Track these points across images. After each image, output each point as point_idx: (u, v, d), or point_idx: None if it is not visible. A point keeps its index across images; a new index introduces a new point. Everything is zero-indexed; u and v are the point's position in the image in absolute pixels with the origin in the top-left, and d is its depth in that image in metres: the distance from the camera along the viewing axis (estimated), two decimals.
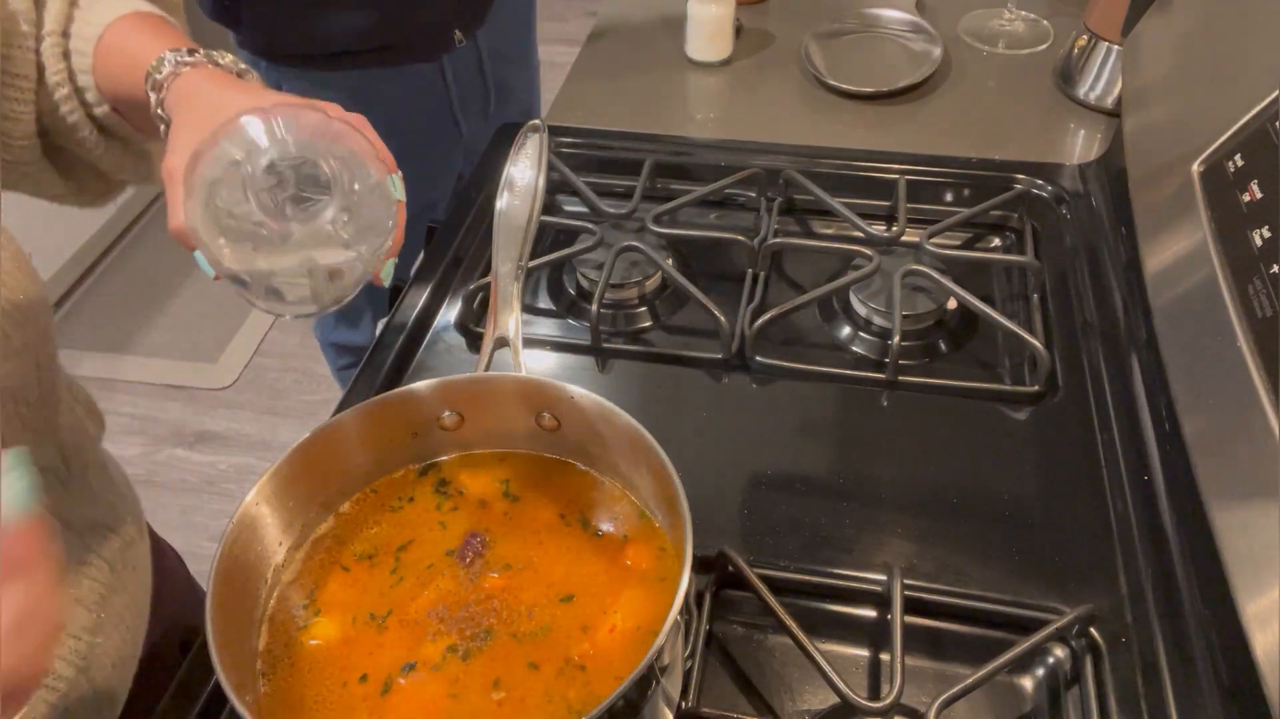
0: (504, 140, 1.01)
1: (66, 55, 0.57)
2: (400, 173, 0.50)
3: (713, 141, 0.99)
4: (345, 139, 0.48)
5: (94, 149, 0.60)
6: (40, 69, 0.57)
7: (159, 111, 0.53)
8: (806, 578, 0.60)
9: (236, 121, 0.46)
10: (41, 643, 0.33)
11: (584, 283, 0.83)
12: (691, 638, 0.56)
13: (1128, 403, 0.69)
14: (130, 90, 0.56)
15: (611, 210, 0.86)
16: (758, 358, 0.76)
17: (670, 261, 0.82)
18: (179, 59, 0.53)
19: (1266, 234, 0.54)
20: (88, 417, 0.62)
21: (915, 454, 0.69)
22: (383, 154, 0.49)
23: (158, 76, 0.53)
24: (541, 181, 0.64)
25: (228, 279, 0.47)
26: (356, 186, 0.47)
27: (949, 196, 0.91)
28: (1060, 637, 0.56)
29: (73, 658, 0.55)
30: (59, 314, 2.33)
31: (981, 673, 0.52)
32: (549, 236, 0.91)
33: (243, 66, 0.56)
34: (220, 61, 0.55)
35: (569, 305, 0.84)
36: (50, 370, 0.54)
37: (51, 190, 0.62)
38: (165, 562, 0.72)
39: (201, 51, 0.54)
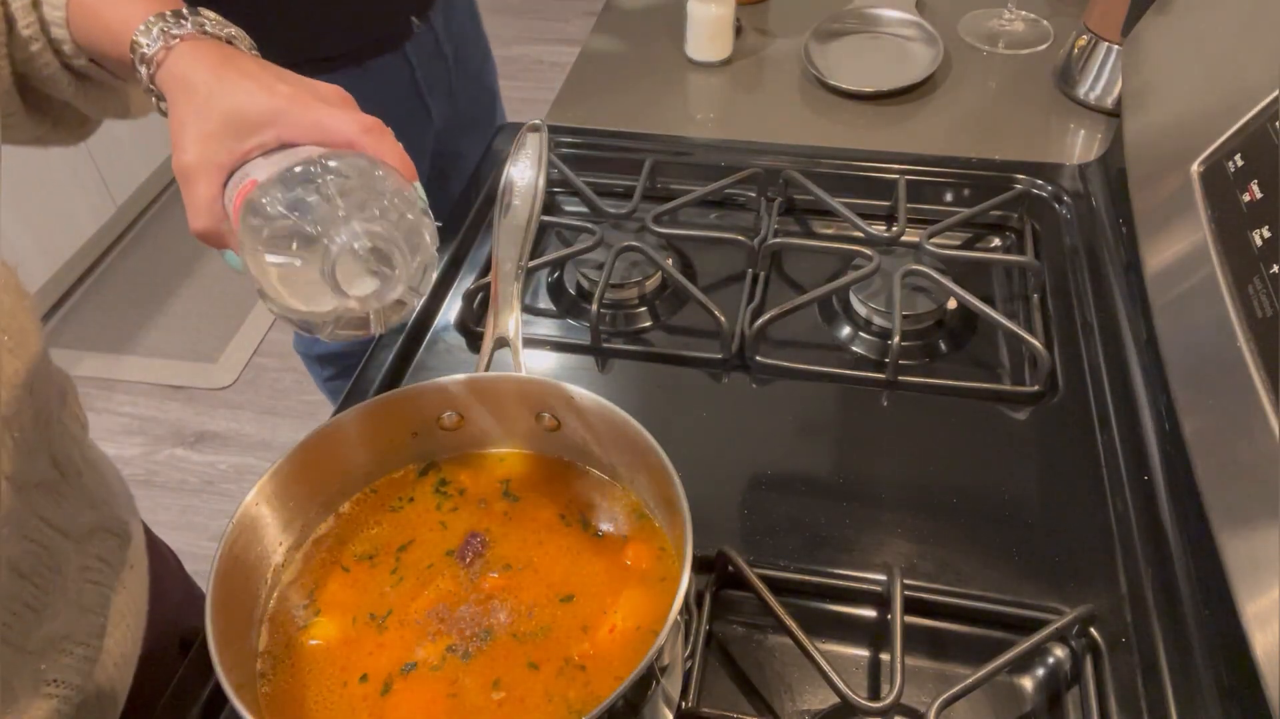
0: (504, 140, 1.02)
1: (37, 5, 0.55)
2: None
3: (713, 141, 0.99)
4: (383, 169, 0.47)
5: (73, 96, 0.59)
6: (10, 21, 0.55)
7: (151, 86, 0.52)
8: (806, 578, 0.60)
9: (286, 173, 0.45)
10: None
11: (584, 283, 0.83)
12: (691, 638, 0.56)
13: (1128, 403, 0.69)
14: (110, 49, 0.53)
15: (611, 210, 0.87)
16: (758, 358, 0.76)
17: (670, 261, 0.82)
18: (166, 30, 0.51)
19: (1266, 234, 0.54)
20: (73, 419, 0.61)
21: (915, 454, 0.69)
22: (404, 164, 0.48)
23: (146, 51, 0.51)
24: (541, 181, 0.64)
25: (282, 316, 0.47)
26: (417, 246, 0.46)
27: (949, 196, 0.91)
28: (1060, 637, 0.56)
29: (80, 664, 0.55)
30: (59, 315, 2.33)
31: (981, 673, 0.52)
32: (549, 237, 0.91)
33: (231, 30, 0.54)
34: (208, 28, 0.52)
35: (569, 305, 0.84)
36: (43, 393, 0.53)
37: (33, 134, 0.61)
38: (163, 561, 0.72)
39: (188, 18, 0.52)
